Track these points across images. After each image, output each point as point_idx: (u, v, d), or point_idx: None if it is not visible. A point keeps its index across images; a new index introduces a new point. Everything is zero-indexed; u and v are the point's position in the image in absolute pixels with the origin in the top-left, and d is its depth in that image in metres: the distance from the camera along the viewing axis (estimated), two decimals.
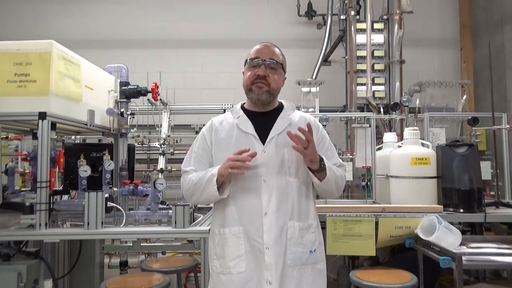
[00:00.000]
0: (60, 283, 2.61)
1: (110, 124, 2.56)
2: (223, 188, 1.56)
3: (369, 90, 3.83)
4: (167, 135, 3.90)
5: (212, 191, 1.54)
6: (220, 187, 1.55)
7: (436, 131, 3.25)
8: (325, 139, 1.73)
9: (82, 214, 2.05)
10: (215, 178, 1.53)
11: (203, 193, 1.58)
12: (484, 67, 4.47)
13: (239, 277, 1.53)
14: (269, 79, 1.62)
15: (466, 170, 2.55)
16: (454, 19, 4.95)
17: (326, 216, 2.46)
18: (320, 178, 1.57)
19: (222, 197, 1.57)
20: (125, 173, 2.63)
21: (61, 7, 4.92)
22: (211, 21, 4.95)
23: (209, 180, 1.55)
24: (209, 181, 1.54)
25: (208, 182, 1.55)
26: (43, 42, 2.03)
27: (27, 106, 1.98)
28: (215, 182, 1.53)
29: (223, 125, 1.70)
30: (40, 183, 1.96)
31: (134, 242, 2.51)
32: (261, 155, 1.58)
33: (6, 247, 2.06)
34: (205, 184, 1.56)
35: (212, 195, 1.56)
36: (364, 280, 2.23)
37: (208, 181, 1.55)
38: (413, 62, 4.38)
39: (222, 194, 1.56)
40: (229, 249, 1.56)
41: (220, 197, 1.56)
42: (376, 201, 2.86)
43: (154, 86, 2.74)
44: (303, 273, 1.56)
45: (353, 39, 3.97)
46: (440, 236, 2.18)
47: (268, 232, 1.53)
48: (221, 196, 1.56)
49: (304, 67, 4.70)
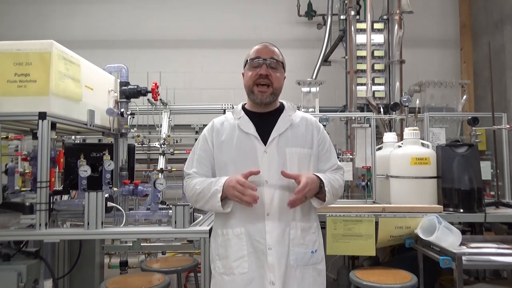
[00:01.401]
0: (60, 283, 2.61)
1: (110, 124, 2.56)
2: (228, 204, 1.57)
3: (369, 90, 3.83)
4: (167, 135, 3.90)
5: (216, 206, 1.55)
6: (223, 200, 1.55)
7: (436, 131, 3.25)
8: (326, 140, 1.73)
9: (82, 214, 2.05)
10: (220, 194, 1.52)
11: (207, 204, 1.59)
12: (484, 67, 4.47)
13: (242, 278, 1.53)
14: (271, 78, 1.62)
15: (466, 170, 2.55)
16: (454, 19, 4.95)
17: (326, 216, 2.45)
18: (320, 202, 1.59)
19: (225, 212, 1.57)
20: (125, 173, 2.63)
21: (61, 7, 4.92)
22: (211, 21, 4.95)
23: (213, 194, 1.55)
24: (213, 196, 1.54)
25: (212, 196, 1.55)
26: (43, 42, 2.03)
27: (27, 106, 1.97)
28: (219, 198, 1.53)
29: (224, 126, 1.70)
30: (40, 183, 1.96)
31: (134, 242, 2.50)
32: (262, 156, 1.59)
33: (6, 247, 2.06)
34: (209, 197, 1.56)
35: (215, 208, 1.57)
36: (364, 280, 2.22)
37: (212, 195, 1.55)
38: (413, 62, 4.39)
39: (225, 209, 1.56)
40: (232, 250, 1.57)
41: (223, 211, 1.57)
42: (376, 201, 2.86)
43: (154, 86, 2.74)
44: (305, 274, 1.56)
45: (353, 39, 3.97)
46: (440, 236, 2.17)
47: (270, 233, 1.53)
48: (224, 211, 1.57)
49: (304, 67, 4.71)
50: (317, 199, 1.60)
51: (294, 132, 1.65)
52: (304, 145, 1.65)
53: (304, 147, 1.65)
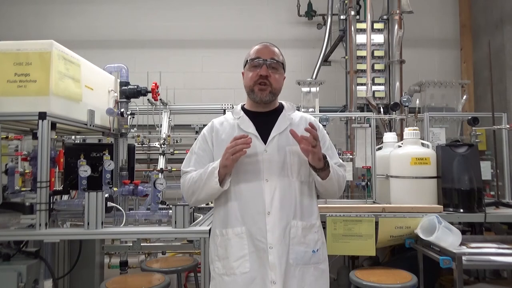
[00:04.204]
0: (60, 283, 2.61)
1: (110, 124, 2.56)
2: (224, 181, 1.56)
3: (369, 90, 3.83)
4: (167, 135, 3.90)
5: (213, 183, 1.53)
6: (221, 181, 1.54)
7: (436, 131, 3.25)
8: (326, 139, 1.74)
9: (82, 214, 2.05)
10: (217, 170, 1.52)
11: (204, 189, 1.57)
12: (484, 67, 4.47)
13: (243, 277, 1.53)
14: (271, 79, 1.63)
15: (466, 170, 2.55)
16: (454, 19, 4.95)
17: (326, 216, 2.45)
18: (323, 176, 1.57)
19: (223, 189, 1.55)
20: (125, 173, 2.63)
21: (61, 7, 4.92)
22: (211, 21, 4.95)
23: (210, 173, 1.54)
24: (211, 174, 1.54)
25: (210, 176, 1.54)
26: (43, 42, 2.03)
27: (27, 106, 1.97)
28: (217, 174, 1.52)
29: (224, 126, 1.70)
30: (40, 183, 1.96)
31: (134, 242, 2.51)
32: (262, 154, 1.59)
33: (6, 247, 2.06)
34: (206, 178, 1.55)
35: (213, 188, 1.55)
36: (364, 280, 2.22)
37: (209, 174, 1.54)
38: (413, 62, 4.39)
39: (223, 186, 1.55)
40: (232, 250, 1.56)
41: (221, 190, 1.55)
42: (376, 201, 2.86)
43: (154, 86, 2.74)
44: (305, 273, 1.56)
45: (353, 39, 3.97)
46: (440, 236, 2.17)
47: (271, 232, 1.53)
48: (222, 189, 1.55)
49: (304, 67, 4.71)
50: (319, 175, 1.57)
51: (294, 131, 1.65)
52: None
53: None
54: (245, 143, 1.47)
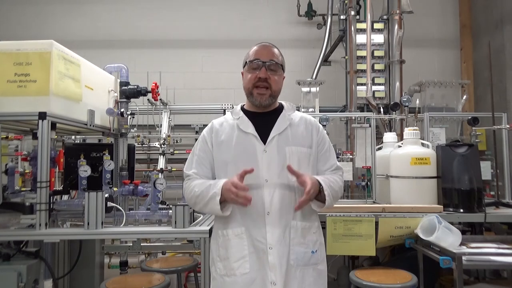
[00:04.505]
0: (60, 283, 2.61)
1: (110, 124, 2.56)
2: (227, 207, 1.56)
3: (369, 90, 3.83)
4: (167, 135, 3.90)
5: (215, 209, 1.54)
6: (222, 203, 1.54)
7: (436, 131, 3.25)
8: (325, 140, 1.73)
9: (82, 214, 2.05)
10: (219, 197, 1.51)
11: (207, 207, 1.58)
12: (484, 67, 4.47)
13: (243, 278, 1.53)
14: (270, 81, 1.62)
15: (466, 170, 2.55)
16: (454, 19, 4.95)
17: (326, 216, 2.45)
18: (320, 205, 1.58)
19: (225, 215, 1.56)
20: (125, 173, 2.63)
21: (61, 7, 4.92)
22: (211, 21, 4.95)
23: (212, 197, 1.53)
24: (212, 199, 1.53)
25: (211, 199, 1.53)
26: (43, 42, 2.03)
27: (27, 106, 1.97)
28: (218, 201, 1.52)
29: (224, 127, 1.70)
30: (40, 183, 1.96)
31: (134, 242, 2.51)
32: (262, 155, 1.59)
33: (6, 247, 2.06)
34: (208, 200, 1.54)
35: (215, 211, 1.56)
36: (364, 280, 2.22)
37: (211, 198, 1.53)
38: (413, 62, 4.39)
39: (224, 213, 1.55)
40: (233, 250, 1.56)
41: (223, 215, 1.56)
42: (376, 201, 2.86)
43: (154, 86, 2.74)
44: (305, 274, 1.56)
45: (353, 39, 3.97)
46: (440, 236, 2.17)
47: (271, 232, 1.53)
48: (223, 215, 1.56)
49: (304, 67, 4.71)
50: (317, 201, 1.59)
51: (294, 131, 1.65)
52: (303, 144, 1.65)
53: (304, 146, 1.64)
54: (247, 198, 1.45)
